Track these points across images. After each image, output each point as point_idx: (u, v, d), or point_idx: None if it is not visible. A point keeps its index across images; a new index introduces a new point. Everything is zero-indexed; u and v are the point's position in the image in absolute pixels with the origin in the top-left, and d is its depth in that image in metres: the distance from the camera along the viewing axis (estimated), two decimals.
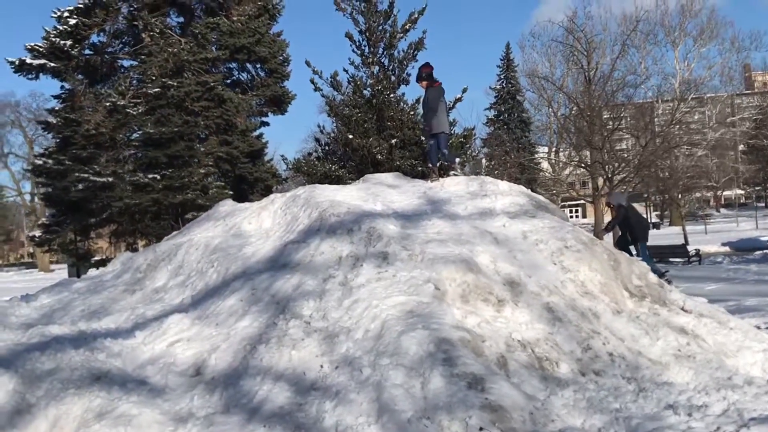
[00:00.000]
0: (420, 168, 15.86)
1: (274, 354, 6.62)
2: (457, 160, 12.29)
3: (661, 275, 10.81)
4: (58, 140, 23.18)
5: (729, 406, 6.19)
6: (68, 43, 22.88)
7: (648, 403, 6.18)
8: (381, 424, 5.57)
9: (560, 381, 6.34)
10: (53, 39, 22.77)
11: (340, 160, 18.63)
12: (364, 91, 18.44)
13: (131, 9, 24.93)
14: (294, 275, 7.91)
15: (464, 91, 18.80)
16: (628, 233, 12.36)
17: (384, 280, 7.56)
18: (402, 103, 18.30)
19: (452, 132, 14.21)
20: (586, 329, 7.20)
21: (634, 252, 12.33)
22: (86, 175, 21.23)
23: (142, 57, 24.04)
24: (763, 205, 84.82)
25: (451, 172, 11.93)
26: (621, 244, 12.17)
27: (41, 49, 22.77)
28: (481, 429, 5.33)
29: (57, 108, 23.48)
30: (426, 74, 12.17)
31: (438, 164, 12.41)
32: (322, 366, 6.42)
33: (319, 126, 20.19)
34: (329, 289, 7.54)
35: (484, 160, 46.14)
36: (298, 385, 6.19)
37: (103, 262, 21.09)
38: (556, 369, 6.56)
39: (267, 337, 6.89)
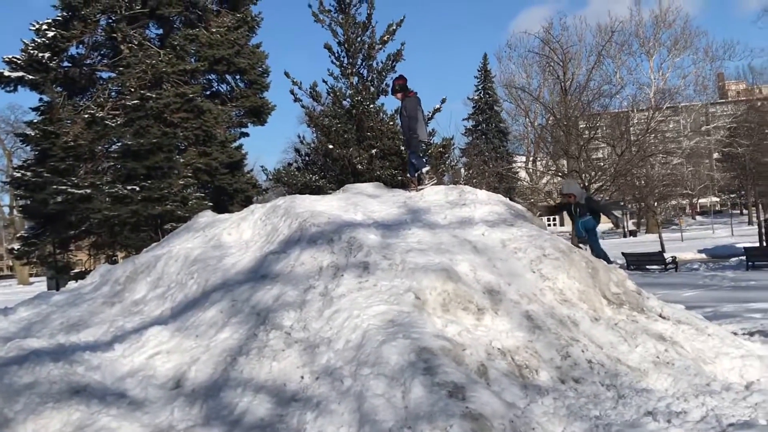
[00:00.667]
0: (400, 178, 15.91)
1: (255, 365, 6.61)
2: (425, 169, 12.20)
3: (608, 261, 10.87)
4: (36, 152, 23.08)
5: (707, 412, 6.26)
6: (46, 55, 22.79)
7: (627, 410, 6.24)
8: None
9: (540, 389, 6.37)
10: (31, 51, 22.68)
11: (320, 170, 18.66)
12: (344, 102, 18.50)
13: (110, 21, 24.86)
14: (274, 286, 7.90)
15: (443, 101, 18.93)
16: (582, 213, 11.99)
17: (365, 290, 7.58)
18: (382, 114, 18.38)
19: (431, 141, 14.17)
20: (565, 337, 7.25)
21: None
22: (65, 187, 21.13)
23: (121, 69, 23.99)
24: (738, 212, 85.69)
25: (427, 182, 11.90)
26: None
27: (19, 62, 22.66)
28: None
29: (35, 120, 23.38)
30: (399, 86, 12.24)
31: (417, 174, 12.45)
32: (302, 377, 6.42)
33: (299, 136, 20.21)
34: (310, 299, 7.54)
35: (462, 170, 46.31)
36: (278, 396, 6.19)
37: (82, 275, 20.93)
38: (536, 377, 6.60)
39: (247, 348, 6.88)
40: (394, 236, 8.94)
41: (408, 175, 12.61)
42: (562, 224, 78.91)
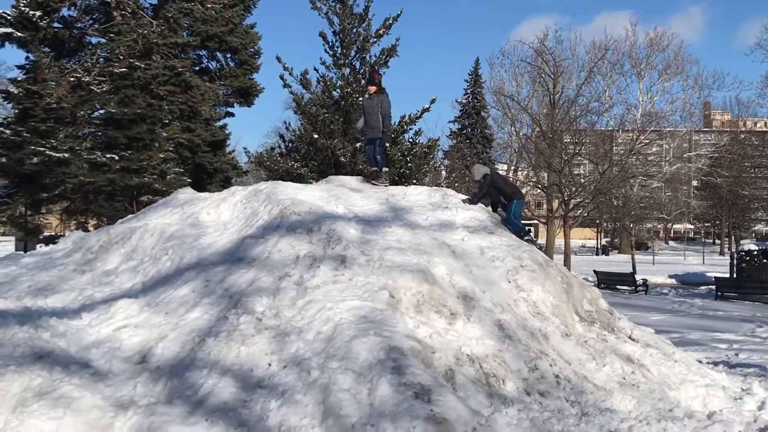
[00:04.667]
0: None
1: (223, 348, 6.56)
2: (385, 169, 12.41)
3: (525, 234, 10.89)
4: (17, 111, 22.73)
5: None
6: (37, 14, 22.45)
7: (590, 428, 6.25)
8: (325, 427, 5.56)
9: (505, 399, 6.38)
10: (22, 8, 22.33)
11: (303, 158, 18.60)
12: (333, 92, 18.46)
13: None
14: (249, 270, 7.85)
15: (432, 101, 18.91)
16: (502, 197, 11.67)
17: (340, 283, 7.55)
18: None
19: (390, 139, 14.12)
20: (534, 349, 7.26)
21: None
22: (43, 149, 20.84)
23: (111, 35, 23.72)
24: (711, 241, 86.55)
25: (384, 180, 12.09)
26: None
27: (9, 17, 22.30)
28: None
29: (19, 78, 23.04)
30: (379, 80, 12.59)
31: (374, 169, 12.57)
32: (270, 364, 6.38)
33: (284, 122, 20.24)
34: (284, 287, 7.50)
35: (444, 172, 46.38)
36: (244, 381, 6.15)
37: (52, 238, 20.74)
38: (503, 386, 6.60)
39: (217, 330, 6.83)
40: (374, 232, 8.92)
41: (372, 167, 12.65)
42: (537, 236, 79.17)
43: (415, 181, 17.15)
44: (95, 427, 5.61)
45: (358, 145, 17.17)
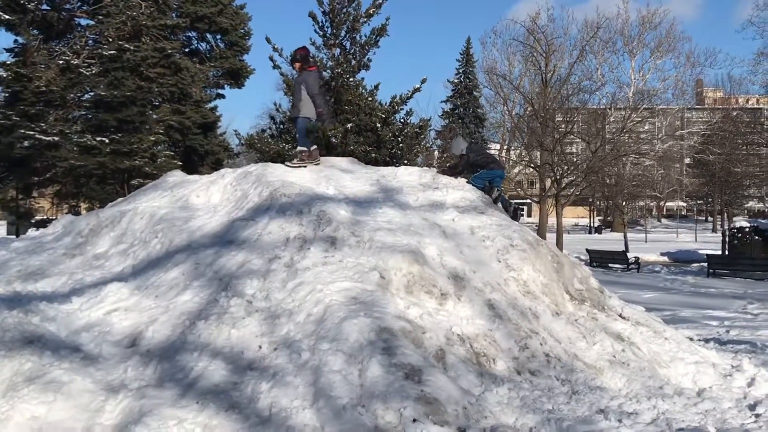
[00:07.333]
0: (374, 155, 15.84)
1: (213, 331, 6.56)
2: (302, 148, 11.63)
3: (510, 208, 10.92)
4: (6, 95, 22.62)
5: (658, 415, 6.33)
6: None
7: (580, 406, 6.28)
8: (316, 408, 5.57)
9: (496, 378, 6.40)
10: None
11: (293, 139, 18.51)
12: (324, 73, 18.35)
13: None
14: (239, 253, 7.84)
15: (423, 81, 18.79)
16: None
17: (330, 265, 7.54)
18: (361, 88, 18.24)
19: (323, 120, 13.49)
20: (525, 328, 7.28)
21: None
22: (33, 133, 20.76)
23: (100, 17, 23.54)
24: (704, 218, 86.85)
25: (296, 161, 11.31)
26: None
27: None
28: (414, 420, 5.35)
29: (8, 62, 22.88)
30: (301, 56, 11.87)
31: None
32: (260, 346, 6.39)
33: (275, 104, 20.15)
34: (274, 269, 7.49)
35: (436, 153, 46.35)
36: (235, 363, 6.15)
37: (43, 222, 20.75)
38: (493, 366, 6.62)
39: (207, 313, 6.83)
40: (365, 213, 8.90)
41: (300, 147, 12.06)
42: (529, 215, 79.34)
43: (406, 161, 17.10)
44: (86, 410, 5.61)
45: (349, 126, 17.10)
